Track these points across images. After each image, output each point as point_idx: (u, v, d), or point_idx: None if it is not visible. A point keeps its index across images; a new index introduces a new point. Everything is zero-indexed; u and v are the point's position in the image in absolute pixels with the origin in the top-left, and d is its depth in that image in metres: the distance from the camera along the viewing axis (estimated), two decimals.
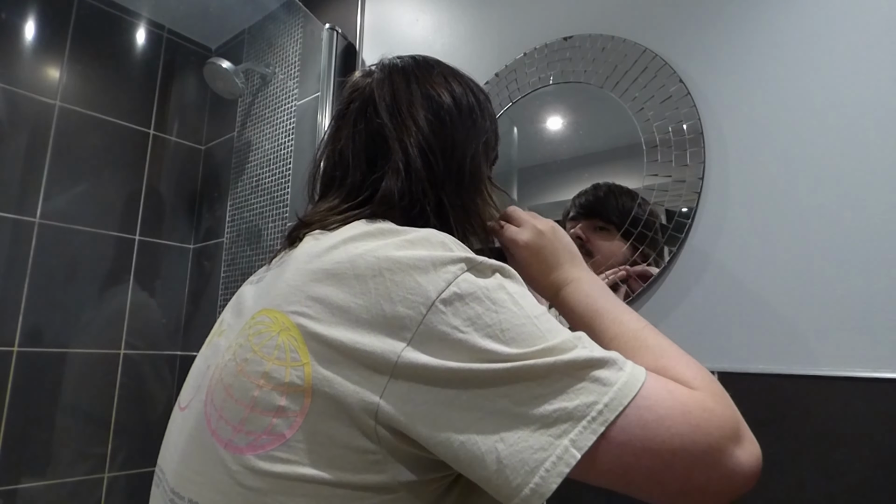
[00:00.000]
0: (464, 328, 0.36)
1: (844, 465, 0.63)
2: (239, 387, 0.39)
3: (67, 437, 1.41)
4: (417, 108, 0.53)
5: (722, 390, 0.41)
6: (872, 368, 0.63)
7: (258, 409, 0.38)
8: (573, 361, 0.36)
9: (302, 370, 0.37)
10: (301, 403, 0.37)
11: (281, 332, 0.39)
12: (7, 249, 1.37)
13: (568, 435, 0.34)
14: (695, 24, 0.84)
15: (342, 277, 0.39)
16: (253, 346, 0.40)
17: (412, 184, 0.49)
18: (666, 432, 0.35)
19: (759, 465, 0.38)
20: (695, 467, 0.36)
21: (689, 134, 0.81)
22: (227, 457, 0.38)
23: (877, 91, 0.68)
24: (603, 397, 0.35)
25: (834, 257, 0.68)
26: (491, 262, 0.41)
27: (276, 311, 0.40)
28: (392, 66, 0.57)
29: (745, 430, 0.39)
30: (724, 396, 0.40)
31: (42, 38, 1.48)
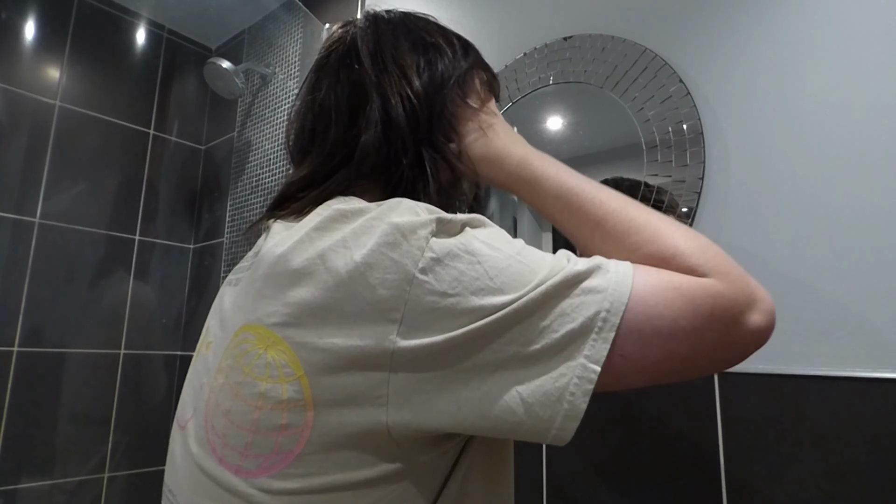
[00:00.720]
0: (451, 291, 0.35)
1: (844, 465, 0.63)
2: (238, 411, 0.38)
3: (67, 437, 1.41)
4: (403, 56, 0.50)
5: (726, 260, 0.40)
6: (872, 368, 0.63)
7: (262, 432, 0.37)
8: (563, 281, 0.36)
9: (298, 383, 0.36)
10: (304, 417, 0.36)
11: (268, 348, 0.37)
12: (7, 249, 1.37)
13: (582, 353, 0.35)
14: (695, 24, 0.84)
15: (314, 274, 0.37)
16: (243, 367, 0.38)
17: (391, 133, 0.47)
18: (670, 320, 0.36)
19: (773, 319, 0.39)
20: (709, 342, 0.37)
21: (689, 134, 0.81)
22: (239, 483, 0.37)
23: (877, 91, 0.68)
24: (603, 304, 0.35)
25: (834, 257, 0.68)
26: (459, 217, 0.39)
27: (258, 326, 0.39)
28: (378, 15, 0.55)
29: (756, 293, 0.39)
30: (729, 268, 0.39)
31: (42, 38, 1.48)
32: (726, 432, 0.71)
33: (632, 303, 0.36)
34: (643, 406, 0.78)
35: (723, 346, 0.38)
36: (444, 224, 0.38)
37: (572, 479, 0.82)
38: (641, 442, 0.78)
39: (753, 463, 0.68)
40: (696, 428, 0.73)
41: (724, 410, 0.72)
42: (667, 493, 0.74)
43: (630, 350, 0.35)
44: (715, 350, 0.38)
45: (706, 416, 0.72)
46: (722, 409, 0.72)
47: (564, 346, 0.35)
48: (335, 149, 0.48)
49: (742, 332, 0.37)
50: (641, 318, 0.35)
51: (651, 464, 0.76)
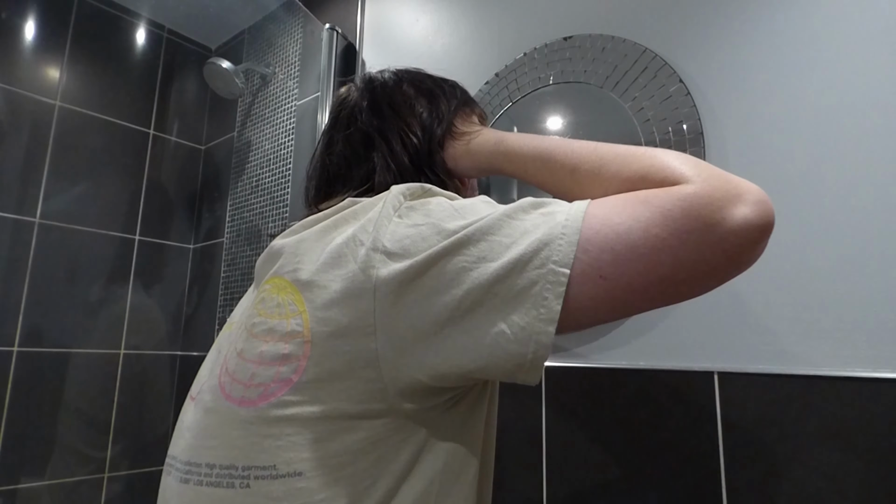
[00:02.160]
0: (422, 222, 0.40)
1: (844, 465, 0.63)
2: (248, 348, 0.42)
3: (67, 437, 1.41)
4: (399, 103, 0.59)
5: (700, 164, 0.39)
6: (872, 368, 0.63)
7: (265, 362, 0.40)
8: (521, 206, 0.39)
9: (300, 318, 0.40)
10: (302, 348, 0.39)
11: (280, 291, 0.43)
12: (7, 249, 1.37)
13: (550, 259, 0.36)
14: (695, 24, 0.84)
15: (324, 230, 0.44)
16: (259, 311, 0.43)
17: (399, 165, 0.55)
18: (642, 231, 0.35)
19: (766, 210, 0.36)
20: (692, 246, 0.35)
21: (689, 134, 0.81)
22: (242, 412, 0.40)
23: (877, 91, 0.68)
24: (561, 217, 0.37)
25: (834, 257, 0.68)
26: (442, 190, 0.46)
27: (275, 277, 0.44)
28: (372, 77, 0.64)
29: (740, 188, 0.37)
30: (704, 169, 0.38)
31: (42, 38, 1.48)
32: (726, 432, 0.71)
33: (596, 221, 0.37)
34: (643, 406, 0.78)
35: (709, 247, 0.35)
36: (425, 189, 0.44)
37: (572, 479, 0.82)
38: (641, 442, 0.78)
39: (753, 463, 0.68)
40: (696, 428, 0.73)
41: (724, 410, 0.72)
42: (667, 493, 0.74)
43: (609, 270, 0.36)
44: (702, 254, 0.35)
45: (706, 416, 0.72)
46: (722, 409, 0.72)
47: (531, 256, 0.36)
48: (361, 183, 0.56)
49: (727, 228, 0.35)
50: (612, 236, 0.36)
51: (651, 464, 0.76)
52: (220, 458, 0.40)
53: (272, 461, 0.38)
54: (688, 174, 0.38)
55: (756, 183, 0.37)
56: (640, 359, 0.81)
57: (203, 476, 0.41)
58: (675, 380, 0.76)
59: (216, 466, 0.40)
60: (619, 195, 0.39)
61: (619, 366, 0.82)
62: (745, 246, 0.36)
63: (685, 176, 0.37)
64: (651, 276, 0.36)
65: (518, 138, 0.54)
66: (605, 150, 0.45)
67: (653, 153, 0.41)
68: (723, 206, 0.35)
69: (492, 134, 0.57)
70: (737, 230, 0.35)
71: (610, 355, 0.84)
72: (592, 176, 0.44)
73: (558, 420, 0.86)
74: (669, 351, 0.78)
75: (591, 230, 0.36)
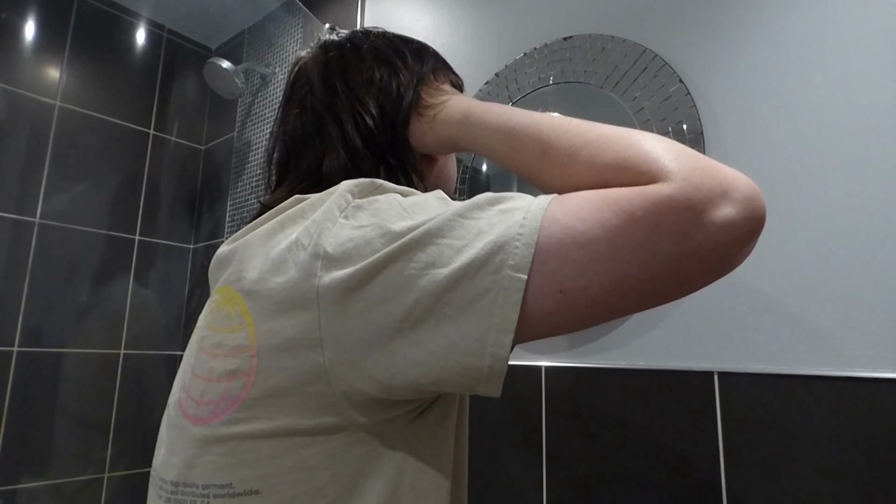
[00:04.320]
0: (367, 223, 0.37)
1: (844, 465, 0.63)
2: (199, 363, 0.41)
3: (67, 437, 1.41)
4: (353, 77, 0.51)
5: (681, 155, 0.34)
6: (872, 368, 0.63)
7: (214, 378, 0.38)
8: (476, 203, 0.36)
9: (247, 331, 0.38)
10: (249, 362, 0.37)
11: (227, 302, 0.40)
12: (7, 249, 1.37)
13: (506, 263, 0.32)
14: (695, 24, 0.84)
15: (270, 237, 0.41)
16: (209, 324, 0.42)
17: (353, 153, 0.49)
18: (607, 241, 0.31)
19: (754, 206, 0.32)
20: (664, 255, 0.31)
21: (689, 134, 0.81)
22: (195, 431, 0.39)
23: (877, 91, 0.68)
24: (519, 215, 0.34)
25: (834, 257, 0.68)
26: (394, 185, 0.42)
27: (224, 286, 0.42)
28: (327, 42, 0.56)
29: (725, 183, 0.32)
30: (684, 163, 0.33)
31: (42, 38, 1.48)
32: (726, 432, 0.71)
33: (557, 228, 0.32)
34: (643, 406, 0.78)
35: (685, 256, 0.31)
36: (375, 185, 0.41)
37: (572, 479, 0.82)
38: (641, 442, 0.78)
39: (753, 463, 0.68)
40: (696, 428, 0.73)
41: (724, 410, 0.72)
42: (667, 492, 0.74)
43: (570, 284, 0.32)
44: (677, 262, 0.31)
45: (706, 416, 0.72)
46: (722, 409, 0.72)
47: (485, 261, 0.32)
48: (308, 174, 0.50)
49: (708, 234, 0.31)
50: (574, 247, 0.32)
51: (651, 464, 0.76)
52: (183, 476, 0.39)
53: (228, 479, 0.37)
54: (667, 168, 0.32)
55: (756, 182, 0.34)
56: (640, 359, 0.81)
57: (170, 493, 0.40)
58: (675, 380, 0.76)
59: (180, 484, 0.39)
60: (585, 193, 0.34)
61: (619, 366, 0.82)
62: (726, 251, 0.32)
63: (664, 171, 0.32)
64: (617, 290, 0.32)
65: (486, 111, 0.47)
66: (577, 132, 0.39)
67: (629, 139, 0.36)
68: (703, 210, 0.31)
69: (460, 105, 0.49)
70: (717, 236, 0.31)
71: (610, 355, 0.84)
72: (562, 163, 0.39)
73: (558, 420, 0.86)
74: (669, 351, 0.78)
75: (552, 239, 0.32)
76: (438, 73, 0.56)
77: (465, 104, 0.50)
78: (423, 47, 0.57)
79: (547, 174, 0.41)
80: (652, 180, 0.33)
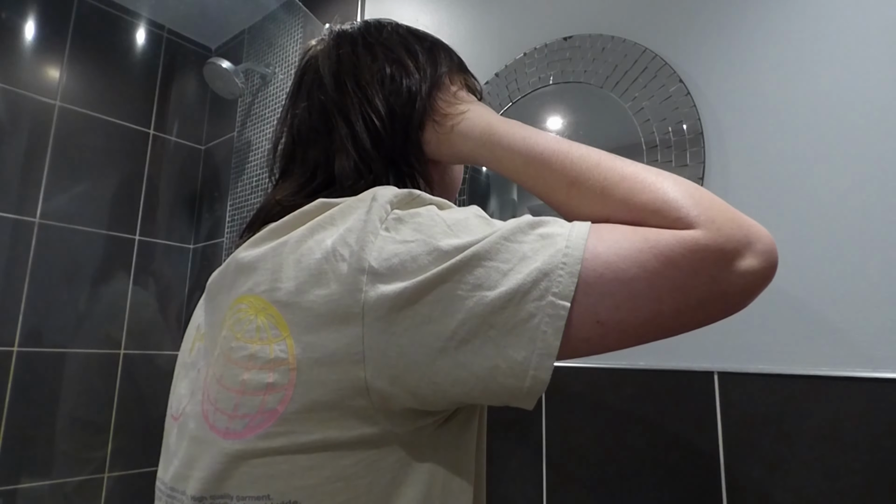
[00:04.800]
0: (412, 238, 0.36)
1: (844, 465, 0.63)
2: (229, 375, 0.39)
3: (67, 437, 1.41)
4: (364, 75, 0.50)
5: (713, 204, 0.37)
6: (872, 368, 0.63)
7: (249, 391, 0.38)
8: (518, 226, 0.36)
9: (284, 343, 0.37)
10: (288, 376, 0.36)
11: (258, 313, 0.39)
12: (7, 249, 1.37)
13: (550, 290, 0.34)
14: (695, 24, 0.84)
15: (302, 243, 0.40)
16: (236, 334, 0.40)
17: (363, 154, 0.48)
18: (647, 282, 0.34)
19: (772, 258, 0.36)
20: (695, 297, 0.35)
21: (689, 134, 0.81)
22: (227, 445, 0.38)
23: (877, 91, 0.68)
24: (561, 244, 0.35)
25: (833, 257, 0.68)
26: (430, 196, 0.41)
27: (250, 295, 0.40)
28: (341, 33, 0.54)
29: (750, 235, 0.36)
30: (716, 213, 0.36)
31: (42, 38, 1.48)
32: (726, 432, 0.71)
33: (599, 263, 0.34)
34: (643, 406, 0.78)
35: (713, 298, 0.35)
36: (413, 196, 0.40)
37: (572, 479, 0.82)
38: (641, 442, 0.78)
39: (753, 463, 0.68)
40: (696, 428, 0.73)
41: (724, 410, 0.72)
42: (667, 492, 0.74)
43: (606, 316, 0.34)
44: (705, 303, 0.35)
45: (706, 416, 0.72)
46: (722, 409, 0.72)
47: (531, 287, 0.34)
48: (317, 171, 0.50)
49: (733, 280, 0.35)
50: (615, 284, 0.34)
51: (651, 464, 0.76)
52: (212, 490, 0.38)
53: (265, 491, 0.37)
54: (702, 216, 0.36)
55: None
56: (640, 359, 0.81)
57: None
58: (675, 380, 0.76)
59: (206, 498, 0.38)
60: (623, 229, 0.37)
61: (619, 366, 0.82)
62: (746, 296, 0.36)
63: (699, 218, 0.36)
64: (649, 324, 0.35)
65: (509, 130, 0.47)
66: (610, 167, 0.41)
67: (662, 184, 0.38)
68: (732, 259, 0.35)
69: (480, 118, 0.49)
70: (741, 283, 0.35)
71: (610, 355, 0.84)
72: (593, 196, 0.41)
73: (558, 420, 0.86)
74: (669, 351, 0.78)
75: (594, 273, 0.34)
76: (455, 76, 0.55)
77: (485, 119, 0.49)
78: (435, 46, 0.56)
79: (575, 204, 0.42)
80: (688, 226, 0.35)
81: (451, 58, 0.56)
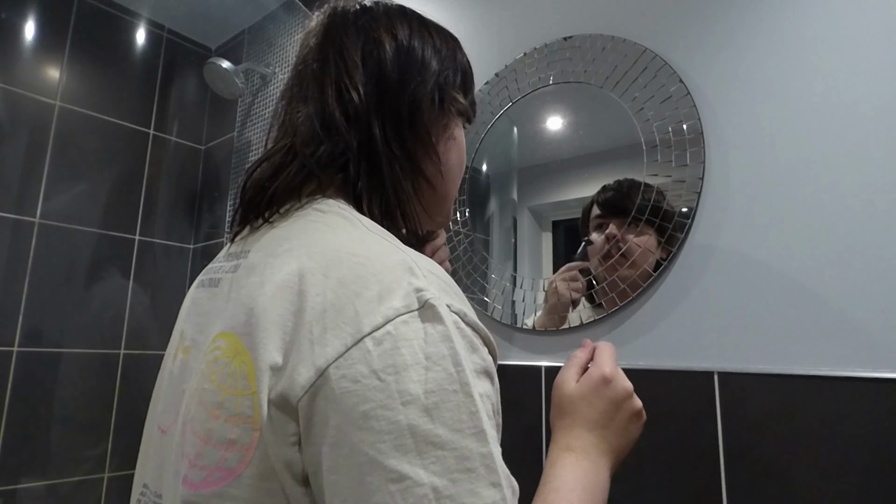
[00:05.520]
0: (383, 375, 0.32)
1: (844, 465, 0.63)
2: (197, 419, 0.37)
3: (67, 436, 1.41)
4: (350, 50, 0.46)
5: None
6: (872, 368, 0.63)
7: (212, 442, 0.35)
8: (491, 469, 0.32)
9: (251, 399, 0.34)
10: (250, 436, 0.33)
11: (234, 357, 0.36)
12: (7, 249, 1.37)
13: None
14: (695, 24, 0.84)
15: (285, 290, 0.36)
16: (210, 374, 0.37)
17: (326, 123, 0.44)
18: None
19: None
20: None
21: (689, 134, 0.81)
22: (182, 492, 0.36)
23: (876, 91, 0.68)
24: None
25: (834, 257, 0.68)
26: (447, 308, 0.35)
27: (231, 333, 0.37)
28: (336, 10, 0.51)
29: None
30: None
31: (42, 38, 1.48)
32: (726, 432, 0.71)
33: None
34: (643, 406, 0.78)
35: None
36: (424, 300, 0.34)
37: None
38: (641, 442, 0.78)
39: (753, 463, 0.68)
40: (696, 428, 0.73)
41: (724, 410, 0.72)
42: (667, 492, 0.74)
43: None
44: None
45: (706, 416, 0.72)
46: (722, 408, 0.72)
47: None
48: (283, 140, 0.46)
49: None
50: None
51: (651, 463, 0.76)
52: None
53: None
54: None
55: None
56: (640, 359, 0.81)
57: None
58: (675, 380, 0.76)
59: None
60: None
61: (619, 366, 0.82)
62: None
63: None
64: None
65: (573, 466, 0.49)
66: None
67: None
68: None
69: None
70: None
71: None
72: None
73: None
74: (669, 351, 0.78)
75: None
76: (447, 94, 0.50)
77: None
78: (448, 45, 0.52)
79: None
80: None
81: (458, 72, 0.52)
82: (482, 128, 1.06)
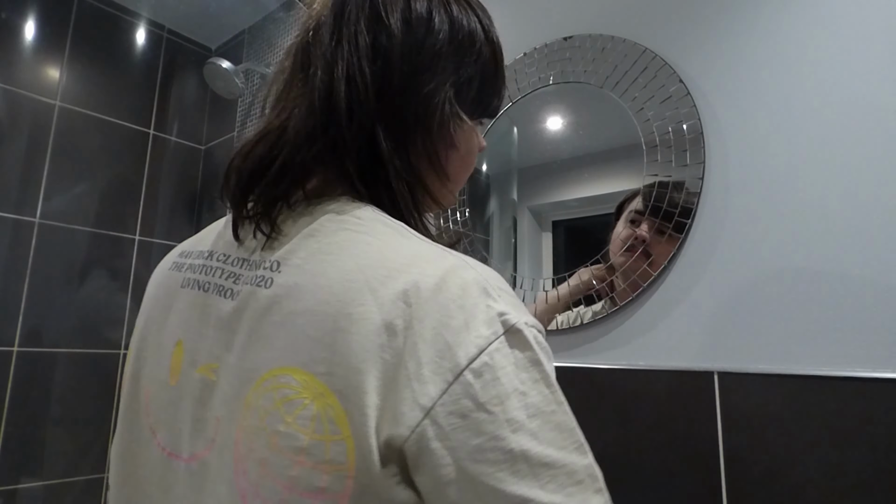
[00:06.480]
0: (490, 407, 0.32)
1: (844, 464, 0.63)
2: (276, 463, 0.34)
3: (67, 436, 1.41)
4: (362, 29, 0.42)
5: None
6: (872, 368, 0.63)
7: (297, 490, 0.33)
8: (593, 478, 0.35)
9: (343, 445, 0.32)
10: (343, 484, 0.32)
11: (315, 399, 0.33)
12: (7, 249, 1.37)
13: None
14: (695, 24, 0.84)
15: (366, 323, 0.33)
16: (283, 415, 0.34)
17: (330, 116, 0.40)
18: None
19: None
20: None
21: (689, 134, 0.81)
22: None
23: (876, 90, 0.68)
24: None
25: (833, 257, 0.68)
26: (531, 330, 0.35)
27: (303, 371, 0.34)
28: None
29: None
30: None
31: (42, 38, 1.48)
32: (726, 432, 0.71)
33: None
34: (643, 406, 0.78)
35: None
36: (514, 334, 0.34)
37: None
38: (641, 442, 0.78)
39: (753, 463, 0.68)
40: (696, 428, 0.73)
41: (724, 410, 0.72)
42: (667, 492, 0.74)
43: None
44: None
45: (706, 416, 0.72)
46: (722, 409, 0.72)
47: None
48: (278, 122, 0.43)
49: None
50: None
51: (651, 464, 0.76)
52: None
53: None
54: None
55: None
56: (640, 359, 0.81)
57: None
58: (675, 380, 0.76)
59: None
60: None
61: (619, 366, 0.82)
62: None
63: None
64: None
65: None
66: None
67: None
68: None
69: None
70: None
71: (610, 355, 0.84)
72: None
73: None
74: (669, 351, 0.78)
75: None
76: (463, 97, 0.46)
77: None
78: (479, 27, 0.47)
79: None
80: None
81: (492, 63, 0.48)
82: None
